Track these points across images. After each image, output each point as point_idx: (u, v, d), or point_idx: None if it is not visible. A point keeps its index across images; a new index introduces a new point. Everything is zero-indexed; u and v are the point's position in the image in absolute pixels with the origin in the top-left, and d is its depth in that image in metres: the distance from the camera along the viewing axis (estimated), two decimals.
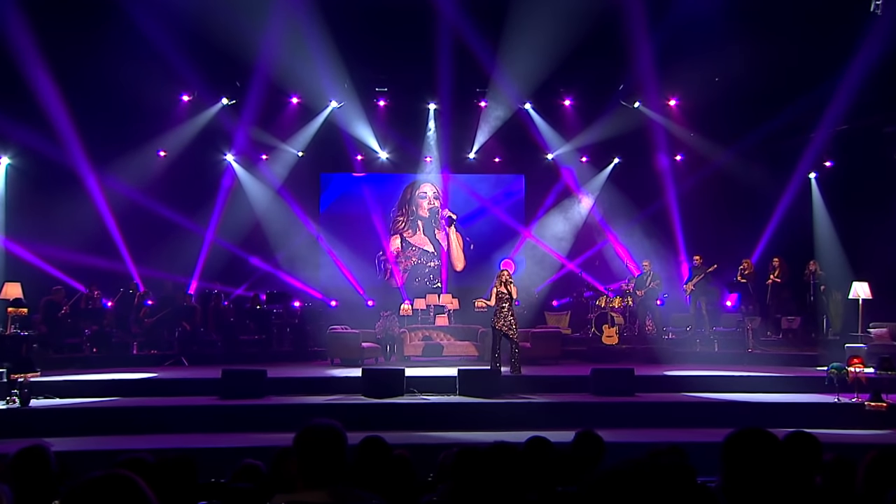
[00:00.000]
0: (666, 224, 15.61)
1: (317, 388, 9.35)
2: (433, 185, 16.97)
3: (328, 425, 2.60)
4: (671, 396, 9.03)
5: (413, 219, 16.94)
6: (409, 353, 12.50)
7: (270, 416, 8.09)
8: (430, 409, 8.41)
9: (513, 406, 8.50)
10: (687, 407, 8.56)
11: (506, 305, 9.96)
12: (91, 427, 7.79)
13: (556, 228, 16.62)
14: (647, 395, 8.98)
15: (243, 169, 15.91)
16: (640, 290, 13.62)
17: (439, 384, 9.26)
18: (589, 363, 11.63)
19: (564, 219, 16.68)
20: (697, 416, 8.16)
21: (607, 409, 8.42)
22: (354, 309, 15.01)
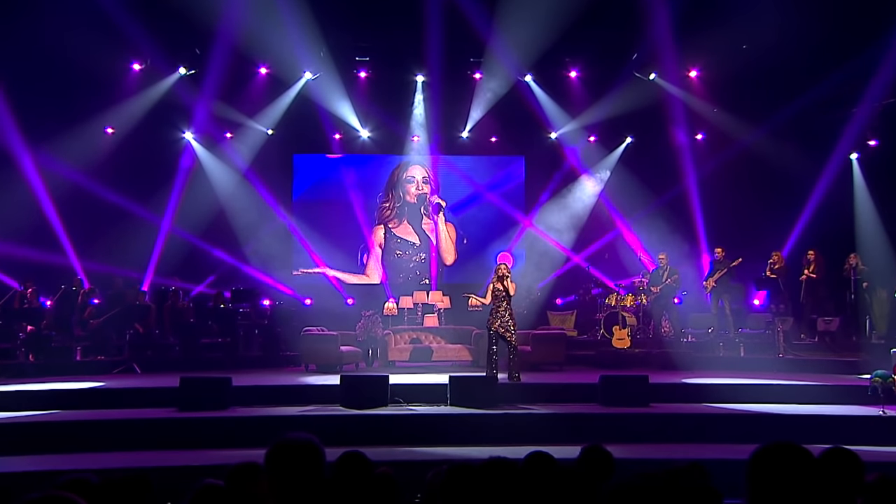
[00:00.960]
0: (685, 212, 15.69)
1: (289, 397, 9.34)
2: (423, 168, 16.98)
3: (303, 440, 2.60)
4: (690, 407, 9.06)
5: (400, 206, 16.95)
6: (394, 357, 12.52)
7: (236, 430, 8.07)
8: (417, 421, 8.40)
9: (511, 418, 8.51)
10: (708, 419, 8.58)
11: (503, 304, 9.98)
12: (28, 445, 7.71)
13: (560, 217, 16.68)
14: (663, 406, 9.00)
15: (204, 149, 15.84)
16: (655, 286, 13.68)
17: (428, 393, 9.26)
18: (597, 369, 11.65)
19: (569, 206, 16.74)
20: (720, 430, 8.18)
21: (618, 422, 8.44)
22: (332, 308, 15.02)
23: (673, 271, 13.62)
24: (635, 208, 15.98)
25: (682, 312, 14.15)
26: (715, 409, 9.03)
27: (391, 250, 16.82)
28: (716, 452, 7.24)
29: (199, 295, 15.44)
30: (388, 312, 14.00)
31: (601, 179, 16.65)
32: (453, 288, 15.69)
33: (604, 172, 16.65)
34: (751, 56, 13.18)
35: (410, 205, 16.96)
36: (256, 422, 8.26)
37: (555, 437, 7.51)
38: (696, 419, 8.56)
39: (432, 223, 16.84)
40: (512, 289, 10.01)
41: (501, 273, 10.06)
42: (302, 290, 15.87)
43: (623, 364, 12.26)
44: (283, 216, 16.18)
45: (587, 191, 16.75)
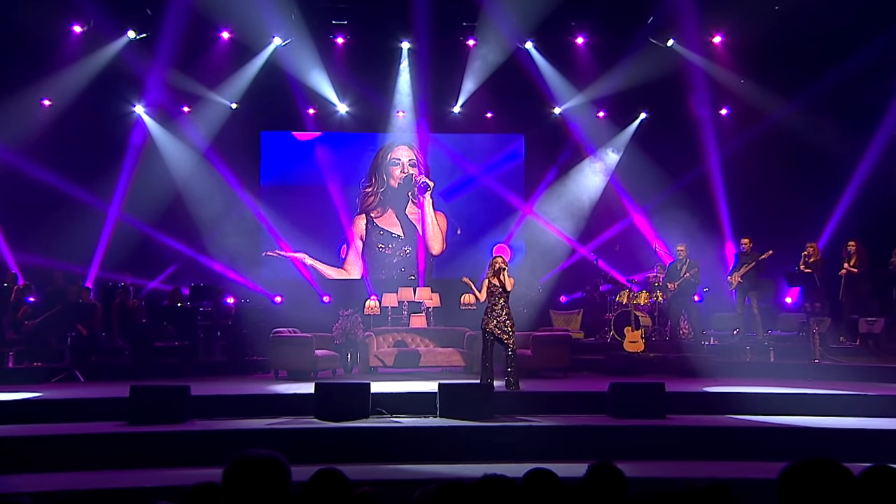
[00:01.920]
0: (707, 197, 15.75)
1: (256, 409, 9.30)
2: (409, 150, 16.98)
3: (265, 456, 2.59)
4: (712, 419, 9.08)
5: (383, 192, 16.95)
6: (377, 363, 12.55)
7: (194, 446, 8.02)
8: (402, 434, 8.40)
9: (508, 431, 8.51)
10: (733, 433, 8.59)
11: (499, 302, 9.99)
12: None
13: (564, 203, 16.73)
14: (682, 418, 9.02)
15: (158, 125, 15.77)
16: (673, 282, 13.72)
17: (415, 403, 9.25)
18: (606, 376, 11.69)
19: (575, 191, 16.78)
20: (747, 446, 8.18)
21: (630, 436, 8.45)
22: (305, 307, 15.04)
23: (693, 265, 13.65)
24: (650, 193, 16.03)
25: (703, 312, 14.20)
26: (740, 421, 9.04)
27: (373, 243, 16.81)
28: (741, 471, 7.25)
29: (152, 292, 15.39)
30: (370, 311, 14.00)
31: (611, 160, 16.68)
32: (444, 284, 15.72)
33: (614, 153, 16.68)
34: (783, 18, 13.18)
35: (394, 191, 16.95)
36: (218, 437, 8.23)
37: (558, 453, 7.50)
38: (718, 433, 8.57)
39: (419, 211, 16.81)
40: (509, 284, 10.01)
41: (497, 267, 10.05)
42: (271, 286, 15.85)
43: (636, 370, 12.30)
44: (249, 203, 16.13)
45: (595, 173, 16.79)
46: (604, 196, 16.70)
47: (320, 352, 11.97)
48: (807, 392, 10.00)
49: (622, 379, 10.52)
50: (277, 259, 16.38)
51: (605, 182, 16.74)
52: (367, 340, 12.71)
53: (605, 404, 9.22)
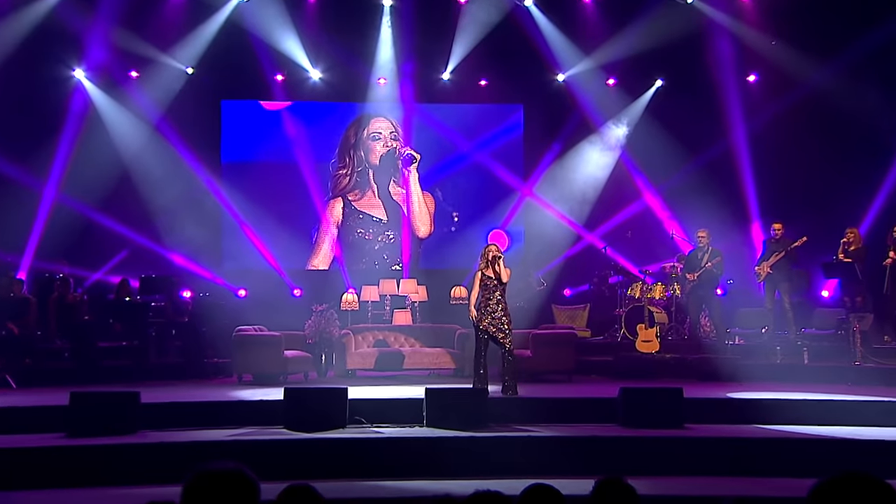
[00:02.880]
0: (732, 176, 15.77)
1: (217, 417, 9.30)
2: (389, 121, 16.94)
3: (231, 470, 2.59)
4: (737, 430, 9.12)
5: (361, 171, 16.91)
6: (355, 365, 12.57)
7: (145, 461, 8.02)
8: (384, 446, 8.42)
9: (505, 442, 8.54)
10: (760, 445, 8.62)
11: (494, 296, 9.98)
12: None
13: (569, 184, 16.74)
14: (702, 428, 9.06)
15: (102, 92, 15.64)
16: (693, 273, 13.72)
17: (398, 410, 9.28)
18: (616, 380, 11.71)
19: (581, 170, 16.78)
20: (777, 460, 8.22)
21: (643, 448, 8.48)
22: (273, 301, 15.03)
23: (715, 253, 13.62)
24: (667, 172, 16.02)
25: (727, 307, 14.25)
26: (769, 432, 9.08)
27: (351, 228, 16.76)
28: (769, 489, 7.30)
29: (96, 284, 15.32)
30: (347, 307, 14.01)
31: (623, 135, 16.68)
32: (432, 276, 15.73)
33: (626, 126, 16.68)
34: None
35: (376, 168, 16.91)
36: (172, 450, 8.22)
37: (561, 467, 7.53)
38: (744, 445, 8.61)
39: (403, 192, 16.79)
40: (505, 275, 9.99)
41: (492, 256, 10.03)
42: (234, 277, 15.82)
43: (650, 373, 12.36)
44: (208, 182, 16.06)
45: (604, 150, 16.77)
46: (614, 175, 16.68)
47: (290, 353, 11.98)
48: (845, 399, 10.05)
49: (634, 383, 10.54)
50: (241, 246, 16.30)
51: (616, 159, 16.72)
52: (345, 340, 12.71)
53: (615, 412, 9.25)
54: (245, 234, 16.32)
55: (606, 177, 16.74)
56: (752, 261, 14.48)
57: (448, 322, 13.47)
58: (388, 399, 9.87)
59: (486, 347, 10.03)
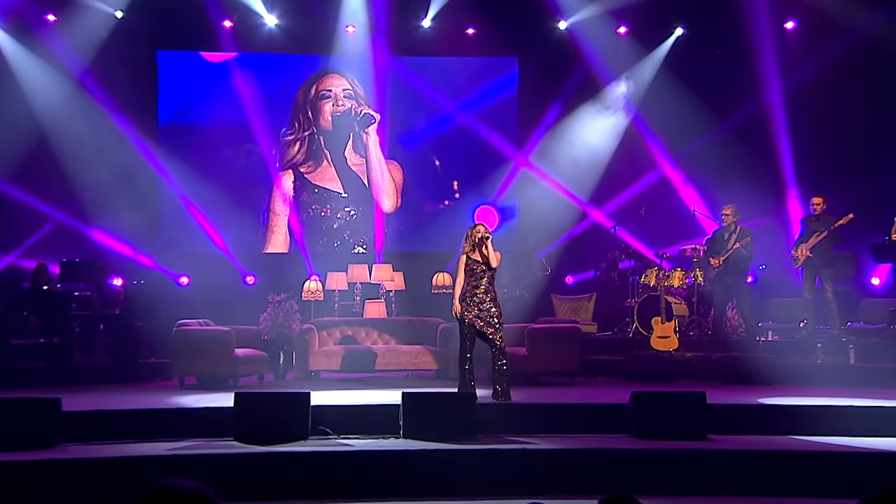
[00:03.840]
0: (764, 142, 15.78)
1: (153, 428, 9.23)
2: (345, 77, 16.90)
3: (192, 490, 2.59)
4: (769, 441, 9.12)
5: (311, 137, 16.88)
6: (319, 365, 12.57)
7: (68, 480, 7.94)
8: (354, 461, 8.39)
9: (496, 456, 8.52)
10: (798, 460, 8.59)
11: (482, 284, 9.96)
12: None
13: (571, 151, 16.71)
14: (729, 440, 9.06)
15: (12, 40, 15.49)
16: (718, 256, 13.71)
17: (370, 419, 9.26)
18: (627, 383, 11.74)
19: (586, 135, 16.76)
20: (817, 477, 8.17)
21: (658, 463, 8.48)
22: (222, 290, 15.02)
23: (744, 233, 13.57)
24: (688, 137, 16.01)
25: (759, 296, 14.23)
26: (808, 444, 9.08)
27: (305, 205, 16.70)
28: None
29: (7, 270, 15.21)
30: (310, 297, 13.98)
31: (624, 94, 16.67)
32: (409, 260, 15.70)
33: (640, 82, 16.68)
34: None
35: (328, 133, 16.85)
36: (100, 468, 8.14)
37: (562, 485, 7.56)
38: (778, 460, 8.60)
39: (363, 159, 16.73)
40: (494, 259, 9.97)
41: (479, 237, 9.98)
42: (174, 261, 15.75)
43: (667, 375, 12.39)
44: (143, 148, 15.97)
45: (613, 111, 16.76)
46: (625, 142, 16.68)
47: (242, 351, 11.95)
48: None
49: (648, 387, 10.58)
50: (182, 225, 16.21)
51: (627, 122, 16.71)
52: (307, 336, 12.68)
53: (626, 421, 9.25)
54: (188, 211, 16.23)
55: (616, 143, 16.72)
56: (788, 242, 14.51)
57: (429, 315, 13.49)
58: (358, 406, 9.86)
59: (473, 344, 10.02)
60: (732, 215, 13.46)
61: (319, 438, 8.94)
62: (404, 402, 9.08)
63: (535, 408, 9.97)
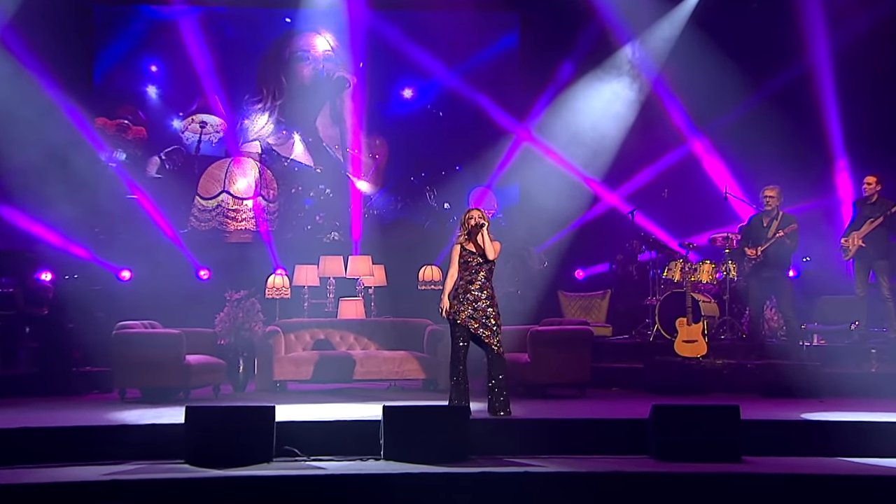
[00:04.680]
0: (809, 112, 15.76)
1: (89, 450, 9.16)
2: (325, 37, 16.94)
3: None
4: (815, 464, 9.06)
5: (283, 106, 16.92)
6: (285, 374, 12.56)
7: None
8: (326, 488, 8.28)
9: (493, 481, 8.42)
10: (847, 485, 8.56)
11: (477, 278, 9.92)
12: None
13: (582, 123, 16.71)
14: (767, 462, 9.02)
15: None
16: (756, 247, 13.65)
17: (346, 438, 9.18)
18: (648, 395, 11.73)
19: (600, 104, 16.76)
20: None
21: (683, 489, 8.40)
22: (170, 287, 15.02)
23: (788, 220, 13.52)
24: (720, 107, 16.02)
25: (802, 294, 14.22)
26: (859, 467, 9.02)
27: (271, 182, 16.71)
28: None
29: None
30: (275, 294, 14.01)
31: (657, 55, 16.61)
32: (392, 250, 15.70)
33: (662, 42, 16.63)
34: None
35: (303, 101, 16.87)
36: (27, 495, 8.09)
37: None
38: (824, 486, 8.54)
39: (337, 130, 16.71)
40: (493, 251, 9.90)
41: (474, 223, 9.93)
42: (114, 252, 15.71)
43: (694, 386, 12.35)
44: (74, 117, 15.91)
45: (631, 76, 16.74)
46: (644, 112, 16.68)
47: (194, 358, 11.90)
48: None
49: (672, 399, 10.54)
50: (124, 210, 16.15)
51: (647, 90, 16.69)
52: (271, 340, 12.66)
53: (646, 439, 9.22)
54: (131, 192, 16.20)
55: (634, 115, 16.73)
56: (836, 230, 14.51)
57: (416, 315, 13.48)
58: (332, 422, 9.75)
59: (467, 350, 9.98)
60: (775, 198, 13.29)
61: (286, 461, 8.87)
62: (386, 418, 9.02)
63: (539, 424, 9.90)
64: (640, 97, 16.71)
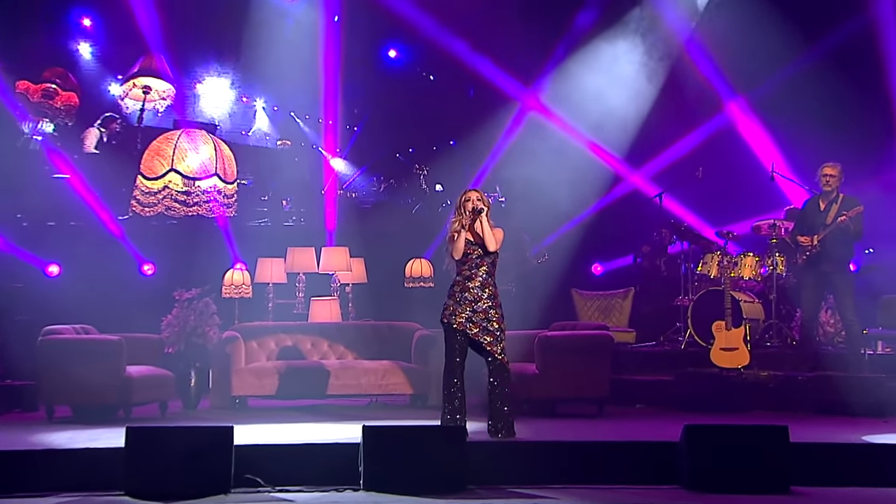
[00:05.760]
0: (870, 75, 15.80)
1: (10, 478, 9.18)
2: None
3: None
4: (878, 496, 9.10)
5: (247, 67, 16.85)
6: (246, 389, 12.61)
7: None
8: None
9: None
10: None
11: (477, 273, 9.93)
12: None
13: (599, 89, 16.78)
14: (821, 493, 9.02)
15: None
16: (810, 236, 13.62)
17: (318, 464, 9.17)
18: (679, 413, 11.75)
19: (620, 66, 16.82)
20: None
21: None
22: (107, 285, 15.00)
23: (850, 203, 13.44)
24: (764, 69, 16.08)
25: (864, 292, 14.19)
26: None
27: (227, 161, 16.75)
28: None
29: None
30: (234, 293, 14.05)
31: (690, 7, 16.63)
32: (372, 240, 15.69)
33: None
34: None
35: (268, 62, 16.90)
36: None
37: None
38: None
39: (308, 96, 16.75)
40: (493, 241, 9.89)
41: (471, 206, 9.93)
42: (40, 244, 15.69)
43: (734, 403, 12.38)
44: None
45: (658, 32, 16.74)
46: (675, 76, 16.67)
47: (137, 369, 11.90)
48: None
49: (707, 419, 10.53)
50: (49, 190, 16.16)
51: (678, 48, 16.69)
52: (229, 348, 12.69)
53: (677, 466, 9.24)
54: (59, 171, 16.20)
55: (662, 79, 16.74)
56: None
57: (402, 317, 13.52)
58: (301, 445, 9.72)
59: (464, 360, 9.96)
60: (835, 177, 13.14)
61: (247, 492, 8.86)
62: (366, 441, 9.03)
63: (549, 448, 9.87)
64: (671, 56, 16.72)
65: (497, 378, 9.98)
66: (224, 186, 14.62)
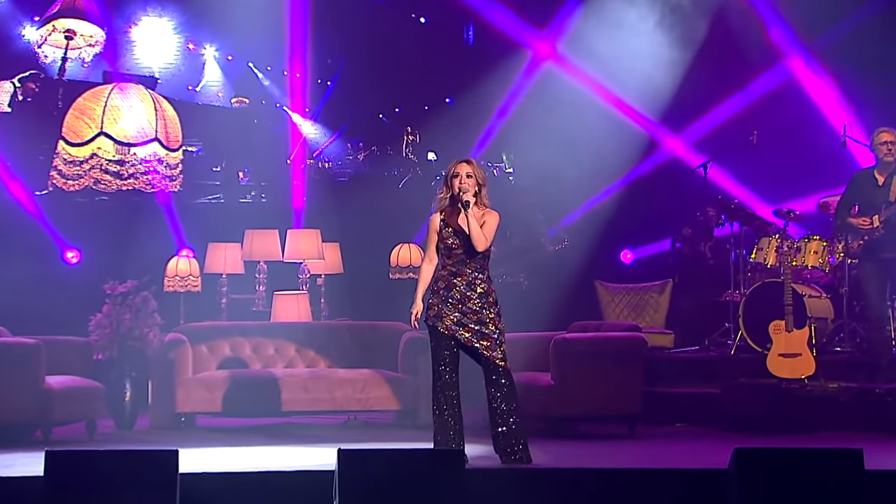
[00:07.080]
0: None
1: None
2: None
3: None
4: None
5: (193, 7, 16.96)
6: (194, 404, 12.67)
7: None
8: None
9: None
10: None
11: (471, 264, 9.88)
12: None
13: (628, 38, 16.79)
14: None
15: None
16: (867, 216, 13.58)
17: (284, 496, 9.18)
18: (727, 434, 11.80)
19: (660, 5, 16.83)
20: None
21: None
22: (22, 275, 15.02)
23: None
24: (833, 14, 16.07)
25: None
26: None
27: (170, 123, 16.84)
28: None
29: None
30: (179, 286, 14.11)
31: None
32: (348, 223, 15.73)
33: None
34: None
35: None
36: None
37: None
38: None
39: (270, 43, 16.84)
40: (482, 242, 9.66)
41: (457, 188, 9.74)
42: None
43: (797, 421, 12.42)
44: None
45: None
46: (722, 21, 16.70)
47: (59, 380, 11.91)
48: None
49: (762, 441, 10.57)
50: None
51: None
52: (174, 354, 12.74)
53: (726, 497, 9.26)
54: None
55: (707, 25, 16.74)
56: None
57: (386, 316, 13.53)
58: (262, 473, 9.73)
59: (455, 370, 9.89)
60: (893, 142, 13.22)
61: None
62: (342, 467, 9.04)
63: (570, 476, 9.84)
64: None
65: (501, 390, 9.85)
66: (166, 154, 14.64)
